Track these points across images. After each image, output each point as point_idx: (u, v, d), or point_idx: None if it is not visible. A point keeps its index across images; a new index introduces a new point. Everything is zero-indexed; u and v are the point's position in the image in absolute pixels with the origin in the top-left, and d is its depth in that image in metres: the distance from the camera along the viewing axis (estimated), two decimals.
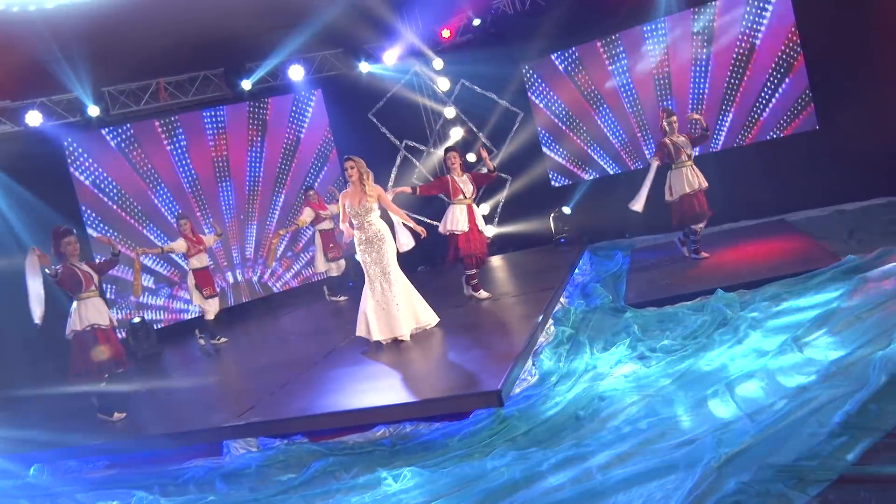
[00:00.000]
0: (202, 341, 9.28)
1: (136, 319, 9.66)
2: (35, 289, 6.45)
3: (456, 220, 7.90)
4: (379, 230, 6.82)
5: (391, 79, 12.11)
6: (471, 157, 12.10)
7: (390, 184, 12.21)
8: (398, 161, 12.47)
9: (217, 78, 11.19)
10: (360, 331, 6.82)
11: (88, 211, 10.41)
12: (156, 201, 11.03)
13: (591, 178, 11.53)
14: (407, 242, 7.19)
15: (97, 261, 7.69)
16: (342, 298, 10.40)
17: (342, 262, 10.31)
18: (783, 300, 6.25)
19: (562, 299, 7.76)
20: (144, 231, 10.86)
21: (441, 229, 8.07)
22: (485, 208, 12.24)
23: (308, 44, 11.35)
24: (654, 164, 8.17)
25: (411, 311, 6.94)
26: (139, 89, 10.67)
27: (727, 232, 9.74)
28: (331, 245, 10.19)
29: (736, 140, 10.33)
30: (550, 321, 6.91)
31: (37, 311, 6.45)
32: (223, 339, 9.21)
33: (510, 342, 5.87)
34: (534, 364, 5.92)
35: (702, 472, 3.66)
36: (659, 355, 5.65)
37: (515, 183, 12.09)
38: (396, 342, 6.72)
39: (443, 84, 12.03)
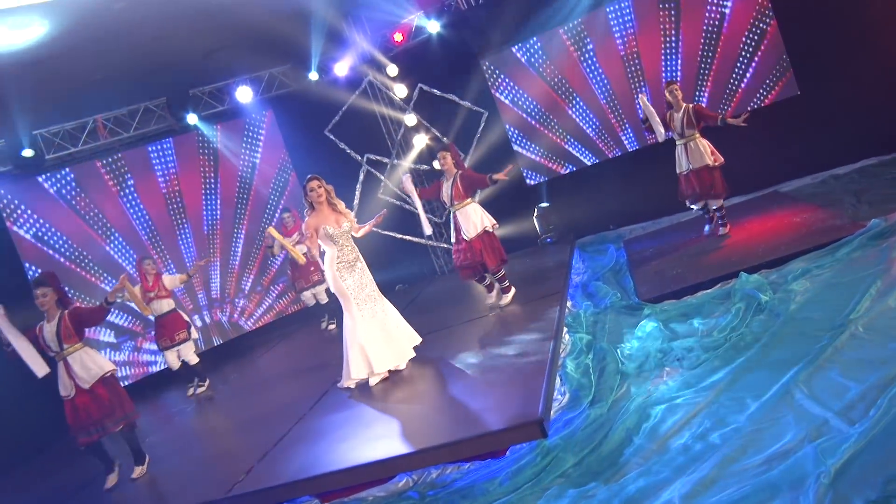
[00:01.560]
0: (202, 388, 8.55)
1: None
2: (22, 344, 5.61)
3: (451, 230, 7.30)
4: (357, 253, 6.16)
5: (345, 91, 11.39)
6: (437, 165, 11.42)
7: (356, 202, 11.51)
8: (361, 177, 11.76)
9: (159, 109, 10.36)
10: (357, 373, 5.98)
11: (34, 268, 9.47)
12: (109, 250, 10.13)
13: (568, 171, 10.97)
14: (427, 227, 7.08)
15: (82, 304, 6.67)
16: (332, 325, 9.69)
17: (320, 288, 9.56)
18: (815, 276, 5.74)
19: (567, 303, 7.15)
20: (101, 284, 9.94)
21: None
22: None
23: (253, 62, 10.61)
24: (643, 98, 7.81)
25: (406, 331, 6.29)
26: (75, 129, 9.79)
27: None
28: (297, 275, 9.48)
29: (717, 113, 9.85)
30: (564, 329, 6.28)
31: (35, 364, 5.64)
32: (203, 389, 8.45)
33: (531, 360, 5.18)
34: (561, 381, 5.28)
35: (815, 492, 3.07)
36: (698, 354, 5.07)
37: (487, 186, 11.41)
38: (391, 374, 6.04)
39: (400, 91, 11.34)
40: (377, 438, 4.73)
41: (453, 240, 7.33)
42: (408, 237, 11.65)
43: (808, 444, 3.42)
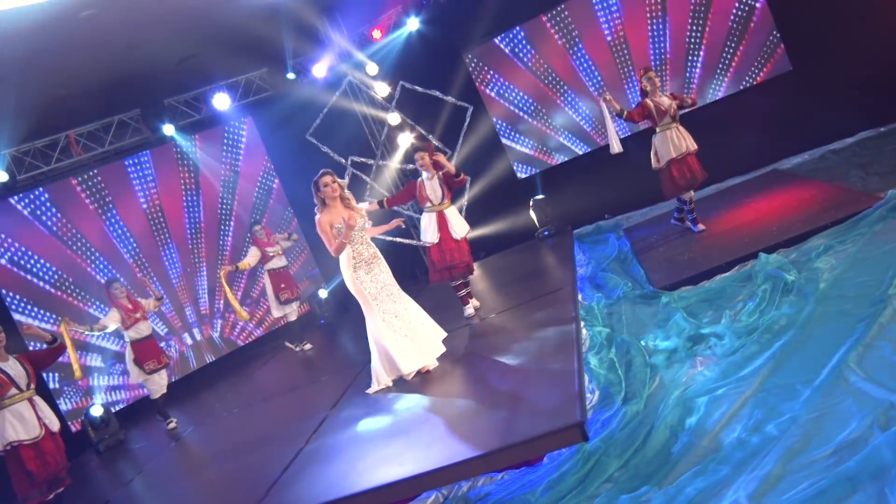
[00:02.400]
0: (170, 424, 7.97)
1: (97, 412, 8.31)
2: None
3: (426, 230, 6.99)
4: (375, 250, 5.82)
5: (325, 93, 11.03)
6: None
7: None
8: (346, 180, 11.36)
9: (134, 121, 9.93)
10: (385, 379, 5.71)
11: (11, 293, 9.01)
12: (90, 270, 9.69)
13: (559, 161, 10.72)
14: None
15: (31, 349, 6.34)
16: (307, 346, 9.22)
17: (295, 305, 9.15)
18: (839, 252, 5.52)
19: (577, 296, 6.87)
20: (86, 307, 9.50)
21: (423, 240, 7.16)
22: None
23: (229, 67, 10.24)
24: (604, 104, 7.51)
25: (431, 327, 5.98)
26: (46, 146, 9.33)
27: (723, 193, 9.08)
28: (282, 286, 8.99)
29: (709, 95, 9.68)
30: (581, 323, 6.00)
31: None
32: (172, 424, 8.00)
33: (555, 358, 4.89)
34: (588, 378, 5.00)
35: None
36: (731, 340, 4.81)
37: (477, 182, 11.13)
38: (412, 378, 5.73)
39: (381, 89, 11.01)
40: (401, 453, 4.40)
41: (434, 239, 6.94)
42: (398, 239, 11.33)
43: (878, 430, 3.17)
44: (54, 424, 5.58)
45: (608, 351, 5.47)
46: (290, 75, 10.63)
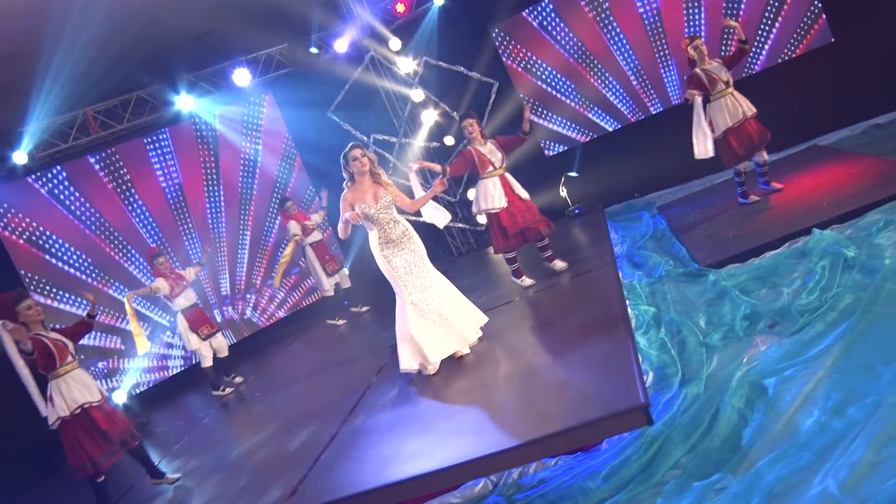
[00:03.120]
0: (236, 380, 8.07)
1: (120, 398, 8.17)
2: (26, 373, 5.03)
3: (490, 196, 6.68)
4: (406, 227, 5.47)
5: (347, 68, 10.74)
6: (449, 141, 10.89)
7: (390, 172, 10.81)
8: None
9: (153, 98, 9.69)
10: (407, 364, 5.36)
11: (30, 275, 8.84)
12: (109, 251, 9.49)
13: (589, 139, 10.41)
14: (443, 217, 6.19)
15: (61, 327, 6.14)
16: (364, 309, 9.21)
17: (340, 274, 9.04)
18: None
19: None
20: (106, 288, 9.32)
21: (475, 210, 6.90)
22: (472, 194, 10.96)
23: (249, 43, 9.97)
24: (696, 98, 6.97)
25: (467, 311, 5.58)
26: (64, 124, 9.11)
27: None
28: (326, 258, 8.93)
29: (745, 69, 9.32)
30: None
31: (41, 402, 5.14)
32: (238, 380, 8.09)
33: (606, 338, 4.62)
34: (641, 359, 4.74)
35: None
36: (794, 318, 4.54)
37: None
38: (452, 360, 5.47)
39: (404, 65, 10.71)
40: (447, 438, 4.14)
41: (502, 204, 6.67)
42: (420, 219, 11.04)
43: None
44: (103, 391, 5.54)
45: (657, 331, 5.21)
46: (314, 50, 10.34)
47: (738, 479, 3.19)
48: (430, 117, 10.88)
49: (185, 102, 9.70)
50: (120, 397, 8.23)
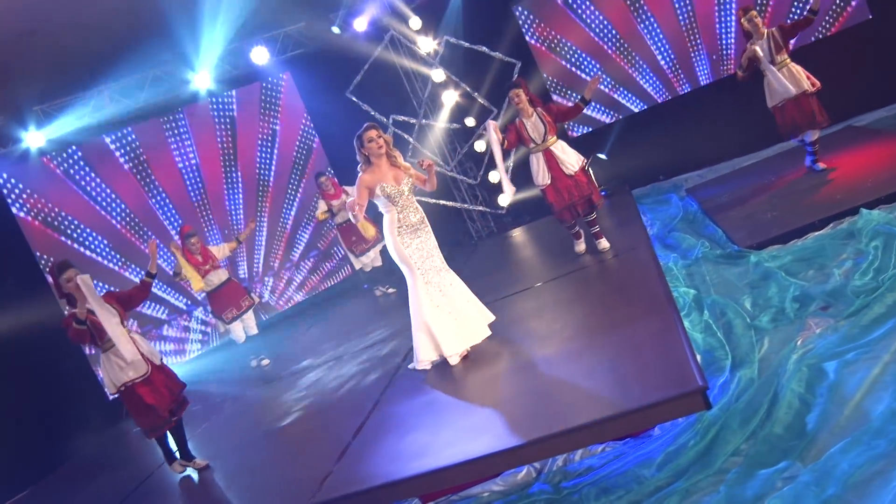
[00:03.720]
0: (264, 361, 7.95)
1: None
2: None
3: (535, 172, 6.57)
4: (423, 215, 5.23)
5: (366, 48, 10.50)
6: (470, 122, 10.67)
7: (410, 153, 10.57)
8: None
9: (168, 75, 9.49)
10: (425, 355, 5.16)
11: (45, 256, 8.68)
12: (125, 233, 9.33)
13: (613, 120, 10.17)
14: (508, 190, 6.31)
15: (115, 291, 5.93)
16: (390, 290, 8.98)
17: (373, 252, 8.77)
18: None
19: None
20: (123, 272, 9.17)
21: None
22: (494, 176, 10.73)
23: (268, 21, 9.73)
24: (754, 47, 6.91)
25: (477, 307, 5.36)
26: (79, 102, 8.92)
27: (796, 150, 8.47)
28: (353, 239, 8.63)
29: None
30: None
31: None
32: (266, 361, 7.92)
33: (650, 320, 4.38)
34: None
35: None
36: (850, 300, 4.33)
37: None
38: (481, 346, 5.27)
39: (425, 45, 10.48)
40: (486, 423, 3.91)
41: (546, 181, 6.52)
42: (442, 202, 10.86)
43: None
44: (155, 357, 5.34)
45: (700, 313, 5.01)
46: (335, 29, 10.11)
47: (810, 467, 2.99)
48: (450, 98, 10.64)
49: (202, 80, 9.50)
50: None
